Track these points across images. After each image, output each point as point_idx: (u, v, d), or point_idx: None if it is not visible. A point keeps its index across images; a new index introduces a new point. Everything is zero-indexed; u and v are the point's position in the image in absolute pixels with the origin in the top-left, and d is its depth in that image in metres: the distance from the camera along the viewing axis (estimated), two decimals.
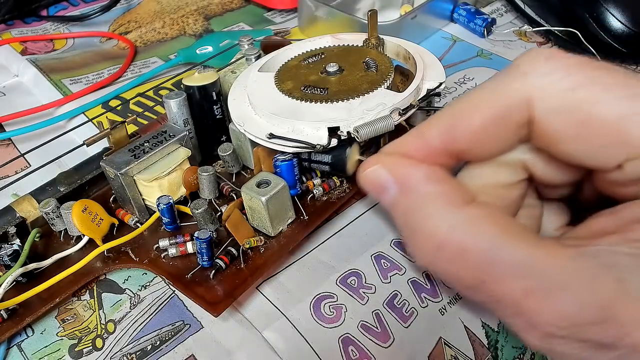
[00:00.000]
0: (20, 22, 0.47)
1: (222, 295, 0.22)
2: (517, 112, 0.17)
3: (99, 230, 0.24)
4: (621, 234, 0.16)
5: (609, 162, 0.17)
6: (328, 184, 0.26)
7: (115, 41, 0.44)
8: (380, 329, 0.22)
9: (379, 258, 0.25)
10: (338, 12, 0.39)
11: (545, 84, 0.17)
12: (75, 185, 0.26)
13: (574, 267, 0.15)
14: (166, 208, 0.24)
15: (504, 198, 0.20)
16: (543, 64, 0.17)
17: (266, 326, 0.22)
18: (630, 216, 0.16)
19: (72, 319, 0.24)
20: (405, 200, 0.19)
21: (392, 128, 0.23)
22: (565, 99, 0.17)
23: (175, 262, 0.24)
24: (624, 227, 0.16)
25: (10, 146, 0.34)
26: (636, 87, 0.16)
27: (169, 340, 0.23)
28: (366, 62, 0.27)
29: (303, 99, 0.25)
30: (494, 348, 0.23)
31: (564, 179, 0.19)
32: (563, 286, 0.15)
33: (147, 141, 0.25)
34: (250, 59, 0.30)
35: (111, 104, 0.36)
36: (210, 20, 0.46)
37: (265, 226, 0.24)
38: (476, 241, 0.16)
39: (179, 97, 0.26)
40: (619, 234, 0.16)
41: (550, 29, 0.40)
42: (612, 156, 0.16)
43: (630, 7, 0.36)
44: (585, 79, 0.16)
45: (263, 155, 0.25)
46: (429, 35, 0.42)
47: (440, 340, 0.23)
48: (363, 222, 0.27)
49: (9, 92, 0.39)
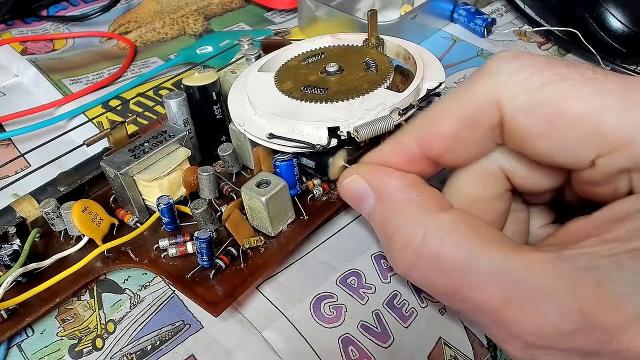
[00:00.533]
0: (20, 22, 0.47)
1: (222, 295, 0.22)
2: (486, 113, 0.17)
3: (99, 230, 0.24)
4: (598, 236, 0.15)
5: (581, 158, 0.16)
6: (328, 184, 0.26)
7: (115, 41, 0.44)
8: (380, 329, 0.22)
9: (379, 258, 0.25)
10: (338, 12, 0.39)
11: (512, 84, 0.17)
12: (75, 185, 0.26)
13: (552, 272, 0.15)
14: (166, 208, 0.24)
15: (491, 211, 0.20)
16: (509, 64, 0.17)
17: (266, 326, 0.22)
18: (605, 218, 0.16)
19: (72, 319, 0.24)
20: (381, 209, 0.19)
21: (392, 128, 0.23)
22: (533, 97, 0.16)
23: (175, 262, 0.24)
24: (600, 228, 0.15)
25: (10, 146, 0.34)
26: (604, 82, 0.16)
27: (169, 340, 0.23)
28: (366, 62, 0.27)
29: (303, 99, 0.25)
30: (493, 348, 0.23)
31: (544, 186, 0.19)
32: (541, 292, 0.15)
33: (147, 141, 0.25)
34: (250, 59, 0.30)
35: (111, 104, 0.36)
36: (210, 20, 0.46)
37: (265, 226, 0.24)
38: (452, 247, 0.16)
39: (179, 97, 0.26)
40: (596, 236, 0.15)
41: (550, 29, 0.40)
42: (583, 153, 0.16)
43: (630, 7, 0.36)
44: (552, 76, 0.16)
45: (263, 155, 0.25)
46: (429, 35, 0.42)
47: (440, 340, 0.23)
48: (363, 222, 0.27)
49: (9, 92, 0.39)
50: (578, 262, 0.15)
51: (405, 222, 0.18)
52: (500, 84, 0.17)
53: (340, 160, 0.24)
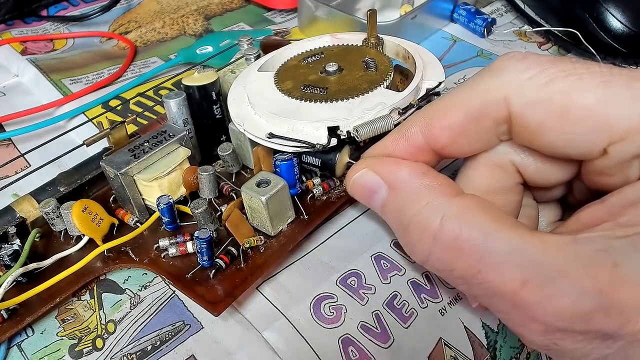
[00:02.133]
0: (20, 22, 0.47)
1: (222, 294, 0.22)
2: (493, 109, 0.18)
3: (99, 230, 0.24)
4: (612, 220, 0.16)
5: (592, 149, 0.17)
6: (328, 184, 0.26)
7: (115, 41, 0.44)
8: (380, 330, 0.22)
9: (379, 258, 0.25)
10: (338, 12, 0.39)
11: (521, 81, 0.17)
12: (75, 185, 0.26)
13: (569, 253, 0.15)
14: (166, 208, 0.24)
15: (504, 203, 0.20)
16: (517, 63, 0.18)
17: (266, 326, 0.22)
18: (619, 202, 0.16)
19: (72, 319, 0.24)
20: (395, 198, 0.19)
21: (391, 127, 0.23)
22: (541, 92, 0.17)
23: (175, 262, 0.24)
24: (614, 213, 0.16)
25: (10, 146, 0.34)
26: (609, 75, 0.16)
27: (169, 340, 0.23)
28: (365, 62, 0.27)
29: (303, 99, 0.25)
30: (493, 348, 0.23)
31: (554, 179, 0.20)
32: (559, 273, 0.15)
33: (147, 141, 0.25)
34: (249, 58, 0.30)
35: (111, 104, 0.36)
36: (210, 20, 0.46)
37: (265, 226, 0.24)
38: (471, 229, 0.16)
39: (178, 97, 0.26)
40: (610, 220, 0.16)
41: (550, 29, 0.40)
42: (595, 142, 0.16)
43: (630, 7, 0.36)
44: (559, 72, 0.17)
45: (263, 155, 0.25)
46: (429, 35, 0.42)
47: (440, 340, 0.23)
48: (363, 222, 0.27)
49: (9, 92, 0.39)
50: (594, 244, 0.15)
51: (421, 208, 0.18)
52: (509, 82, 0.17)
53: (345, 157, 0.24)
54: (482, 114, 0.18)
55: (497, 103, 0.18)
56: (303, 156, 0.25)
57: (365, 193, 0.20)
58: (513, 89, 0.17)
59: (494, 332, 0.23)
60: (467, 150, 0.20)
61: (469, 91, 0.19)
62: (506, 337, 0.23)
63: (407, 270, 0.24)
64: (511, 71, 0.18)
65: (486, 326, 0.23)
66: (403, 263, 0.25)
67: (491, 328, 0.23)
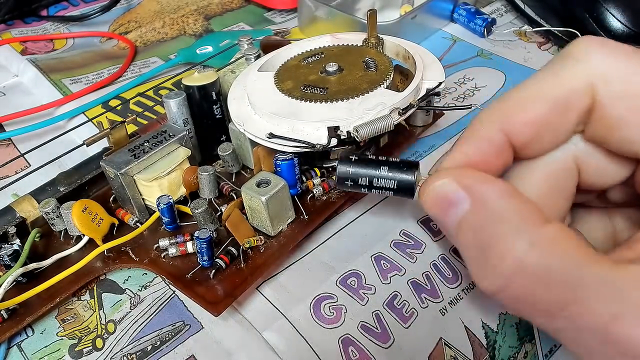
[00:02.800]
0: (20, 22, 0.47)
1: (222, 294, 0.22)
2: (578, 99, 0.17)
3: (99, 230, 0.24)
4: None
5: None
6: (328, 184, 0.26)
7: (115, 41, 0.44)
8: (380, 330, 0.22)
9: (379, 259, 0.25)
10: (338, 12, 0.39)
11: (607, 69, 0.16)
12: (75, 185, 0.26)
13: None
14: (166, 208, 0.24)
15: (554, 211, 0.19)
16: (599, 49, 0.16)
17: (266, 327, 0.22)
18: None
19: (72, 319, 0.24)
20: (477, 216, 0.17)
21: (391, 127, 0.23)
22: (629, 84, 0.16)
23: (175, 262, 0.24)
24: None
25: (10, 146, 0.34)
26: None
27: (169, 340, 0.23)
28: (366, 62, 0.27)
29: (303, 99, 0.25)
30: (492, 348, 0.23)
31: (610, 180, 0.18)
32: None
33: (147, 141, 0.25)
34: (249, 58, 0.30)
35: (111, 103, 0.36)
36: (210, 20, 0.46)
37: (265, 226, 0.24)
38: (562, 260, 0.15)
39: (178, 97, 0.26)
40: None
41: (550, 29, 0.40)
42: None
43: (630, 7, 0.36)
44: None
45: (263, 155, 0.25)
46: (429, 35, 0.42)
47: (440, 340, 0.23)
48: (363, 222, 0.27)
49: (9, 92, 0.39)
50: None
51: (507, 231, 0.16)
52: (595, 69, 0.16)
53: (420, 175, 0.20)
54: (567, 103, 0.17)
55: (583, 92, 0.16)
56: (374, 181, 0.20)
57: (442, 204, 0.18)
58: (599, 77, 0.16)
59: (493, 332, 0.23)
60: (548, 148, 0.18)
61: (551, 79, 0.17)
62: (505, 337, 0.23)
63: (407, 270, 0.24)
64: (594, 57, 0.16)
65: (486, 326, 0.23)
66: (403, 263, 0.25)
67: (491, 328, 0.23)
